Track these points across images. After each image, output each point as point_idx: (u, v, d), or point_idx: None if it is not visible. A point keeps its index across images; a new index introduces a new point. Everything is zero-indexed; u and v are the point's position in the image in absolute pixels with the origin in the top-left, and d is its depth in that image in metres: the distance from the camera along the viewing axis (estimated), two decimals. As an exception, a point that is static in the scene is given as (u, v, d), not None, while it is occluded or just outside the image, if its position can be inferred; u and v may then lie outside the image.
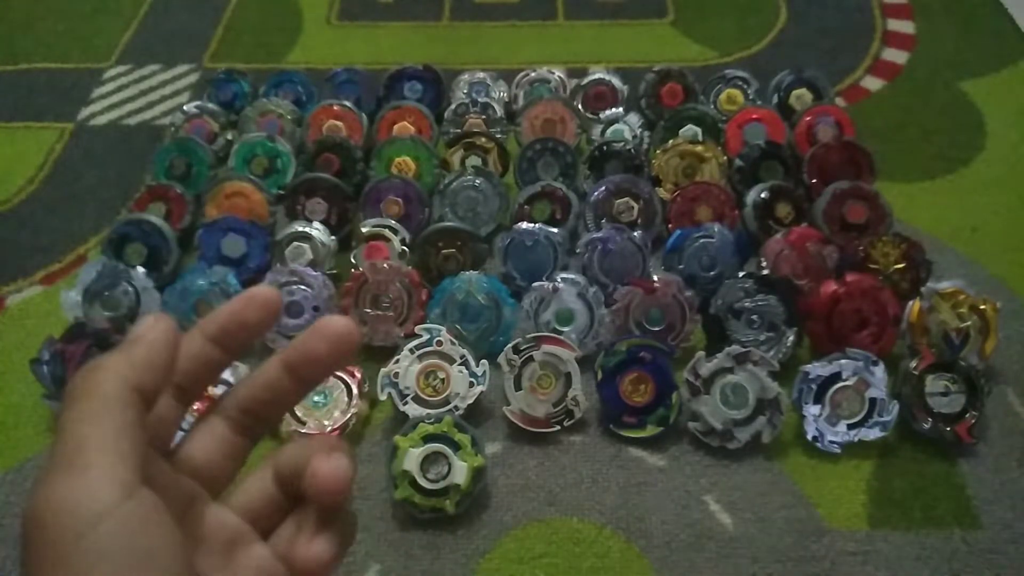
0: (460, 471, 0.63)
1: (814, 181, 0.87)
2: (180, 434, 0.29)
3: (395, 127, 0.93)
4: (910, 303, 0.73)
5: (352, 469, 0.27)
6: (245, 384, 0.29)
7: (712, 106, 0.98)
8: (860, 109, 1.01)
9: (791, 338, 0.73)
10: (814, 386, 0.69)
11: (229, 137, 0.96)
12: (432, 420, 0.66)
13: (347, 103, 0.95)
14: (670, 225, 0.84)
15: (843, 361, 0.69)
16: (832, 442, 0.68)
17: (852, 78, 1.07)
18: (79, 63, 1.13)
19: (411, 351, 0.71)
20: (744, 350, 0.68)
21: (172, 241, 0.83)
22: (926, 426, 0.68)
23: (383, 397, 0.70)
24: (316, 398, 0.70)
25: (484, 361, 0.71)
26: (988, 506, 0.65)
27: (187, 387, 0.28)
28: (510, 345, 0.70)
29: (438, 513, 0.63)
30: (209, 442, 0.28)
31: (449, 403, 0.70)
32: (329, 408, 0.70)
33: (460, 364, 0.70)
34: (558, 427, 0.70)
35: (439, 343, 0.71)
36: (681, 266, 0.79)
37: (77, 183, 0.96)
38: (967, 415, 0.68)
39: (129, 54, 1.15)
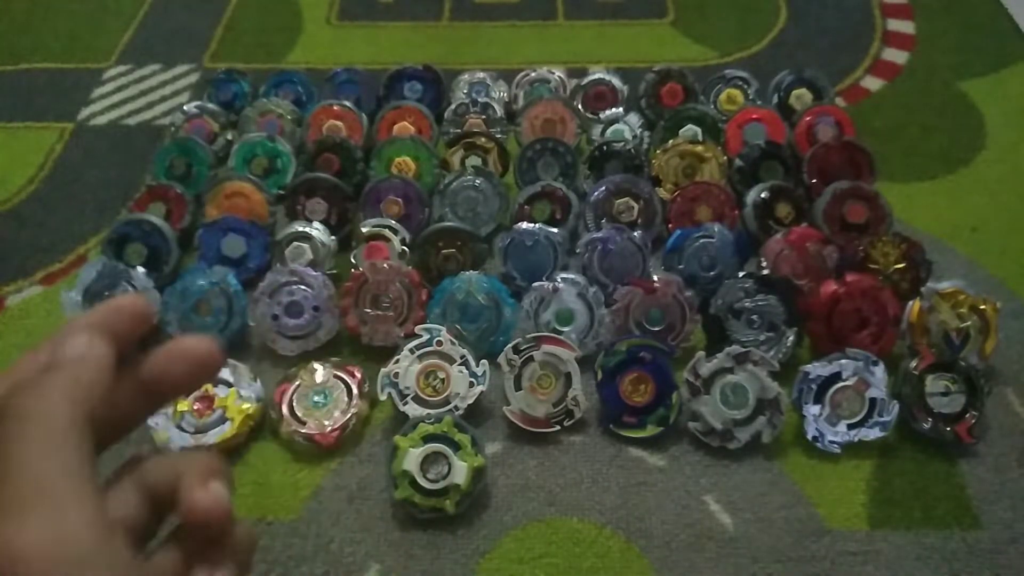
0: (460, 471, 0.63)
1: (814, 181, 0.87)
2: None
3: (395, 127, 0.93)
4: (910, 303, 0.73)
5: (230, 493, 0.25)
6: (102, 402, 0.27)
7: (712, 106, 0.98)
8: (860, 109, 1.01)
9: (791, 338, 0.73)
10: (814, 386, 0.69)
11: (229, 137, 0.96)
12: (432, 420, 0.66)
13: (347, 103, 0.95)
14: (670, 225, 0.84)
15: (843, 361, 0.69)
16: (832, 442, 0.68)
17: (852, 78, 1.07)
18: (79, 63, 1.13)
19: (411, 351, 0.71)
20: (744, 350, 0.68)
21: (172, 241, 0.83)
22: (926, 426, 0.68)
23: (383, 397, 0.70)
24: (316, 398, 0.70)
25: (484, 361, 0.71)
26: (988, 506, 0.65)
27: None
28: (510, 345, 0.70)
29: (438, 513, 0.63)
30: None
31: (449, 403, 0.70)
32: (329, 408, 0.70)
33: (460, 364, 0.70)
34: (558, 427, 0.70)
35: (439, 343, 0.71)
36: (681, 266, 0.79)
37: (77, 183, 0.96)
38: (967, 415, 0.68)
39: (129, 54, 1.15)
